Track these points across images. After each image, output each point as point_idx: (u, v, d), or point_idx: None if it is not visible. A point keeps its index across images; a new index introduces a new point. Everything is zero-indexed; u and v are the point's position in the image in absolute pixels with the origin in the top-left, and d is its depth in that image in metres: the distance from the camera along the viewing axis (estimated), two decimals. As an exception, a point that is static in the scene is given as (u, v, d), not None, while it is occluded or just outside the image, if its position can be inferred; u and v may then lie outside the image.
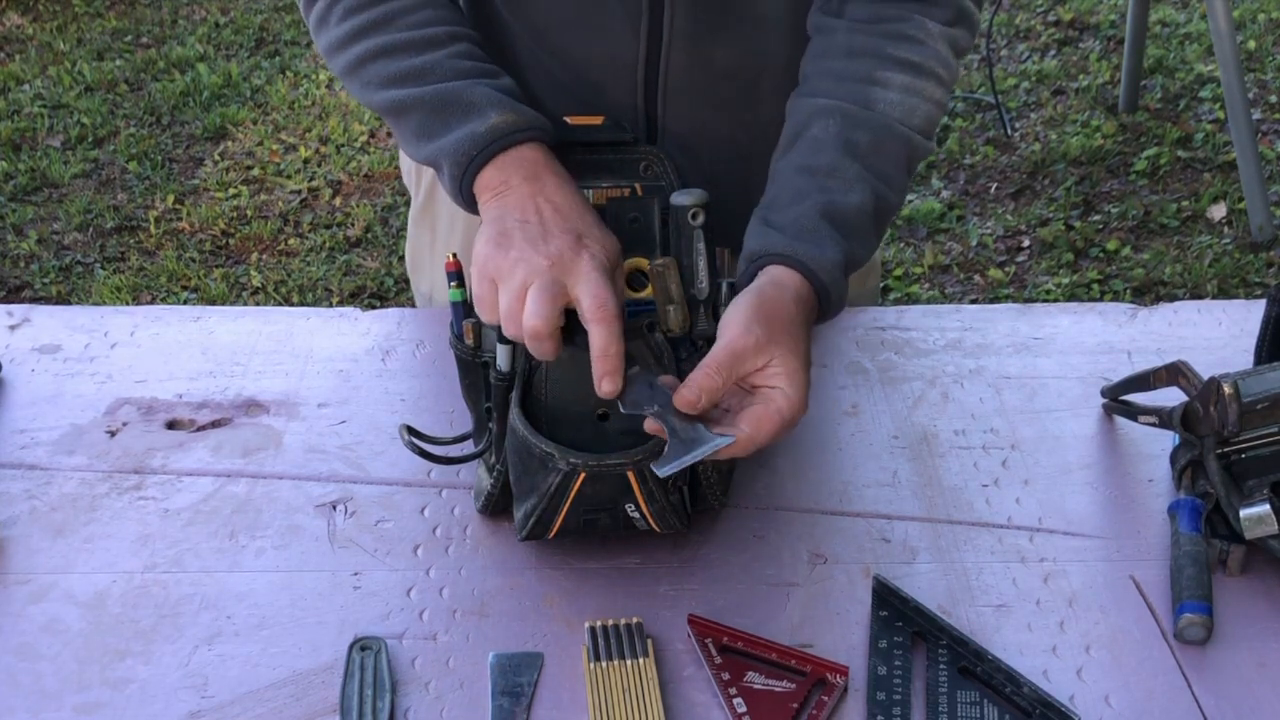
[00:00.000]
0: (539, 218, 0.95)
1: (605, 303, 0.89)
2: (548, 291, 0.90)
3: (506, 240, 0.93)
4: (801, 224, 0.98)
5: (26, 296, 3.04)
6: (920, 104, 1.04)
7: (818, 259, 0.96)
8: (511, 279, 0.91)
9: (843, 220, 0.99)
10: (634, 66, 1.12)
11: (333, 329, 1.24)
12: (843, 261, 0.97)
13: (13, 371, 1.18)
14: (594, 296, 0.90)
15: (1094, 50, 3.85)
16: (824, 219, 0.98)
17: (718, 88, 1.14)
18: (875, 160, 1.01)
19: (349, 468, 1.08)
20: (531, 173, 0.98)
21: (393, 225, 3.25)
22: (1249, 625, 0.94)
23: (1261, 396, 0.97)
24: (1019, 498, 1.05)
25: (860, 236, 1.00)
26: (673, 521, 0.95)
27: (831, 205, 0.98)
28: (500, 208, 0.97)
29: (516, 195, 0.97)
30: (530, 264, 0.91)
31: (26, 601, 0.96)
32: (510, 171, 0.98)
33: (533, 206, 0.96)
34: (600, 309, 0.89)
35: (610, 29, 1.10)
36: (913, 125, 1.03)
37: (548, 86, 1.15)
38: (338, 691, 0.88)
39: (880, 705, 0.87)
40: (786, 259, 0.96)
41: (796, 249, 0.96)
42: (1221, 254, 3.02)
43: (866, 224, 1.00)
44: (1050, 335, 1.23)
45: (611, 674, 0.89)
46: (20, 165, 3.50)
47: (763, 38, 1.12)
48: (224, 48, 4.11)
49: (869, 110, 1.02)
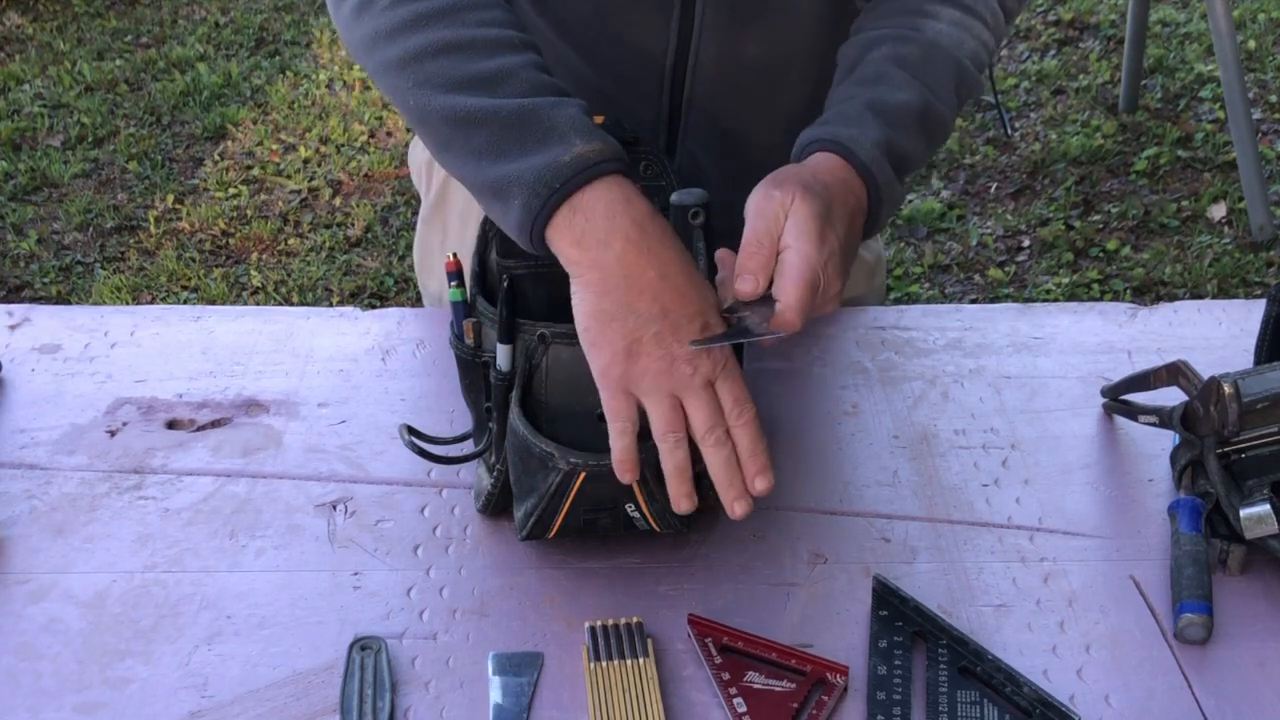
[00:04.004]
0: (658, 305, 0.87)
1: (745, 401, 0.88)
2: (708, 406, 0.88)
3: (638, 350, 0.87)
4: (844, 115, 0.96)
5: (26, 296, 3.04)
6: (968, 38, 1.03)
7: (855, 138, 0.94)
8: (657, 393, 0.88)
9: (886, 111, 0.97)
10: (663, 59, 1.11)
11: (333, 329, 1.24)
12: (883, 142, 0.94)
13: (13, 371, 1.18)
14: (734, 397, 0.88)
15: (1094, 50, 3.85)
16: (867, 109, 0.96)
17: (745, 80, 1.14)
18: (923, 72, 1.00)
19: (349, 468, 1.08)
20: (629, 221, 0.89)
21: (393, 225, 3.25)
22: (1249, 625, 0.94)
23: (1261, 396, 0.97)
24: (1019, 497, 1.05)
25: (904, 129, 0.97)
26: (673, 521, 0.94)
27: (876, 99, 0.97)
28: (602, 281, 0.88)
29: (618, 259, 0.88)
30: (675, 375, 0.87)
31: (26, 601, 0.96)
32: (598, 216, 0.89)
33: (645, 286, 0.87)
34: (743, 409, 0.88)
35: (641, 21, 1.09)
36: (962, 53, 1.02)
37: (571, 82, 1.14)
38: (338, 691, 0.88)
39: (880, 705, 0.87)
40: (824, 143, 0.94)
41: (835, 132, 0.94)
42: (1221, 254, 3.02)
43: (912, 121, 0.98)
44: (1050, 335, 1.23)
45: (611, 674, 0.89)
46: (20, 165, 3.50)
47: (792, 29, 1.12)
48: (224, 48, 4.11)
49: (917, 32, 1.01)
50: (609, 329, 0.88)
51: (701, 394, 0.88)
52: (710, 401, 0.88)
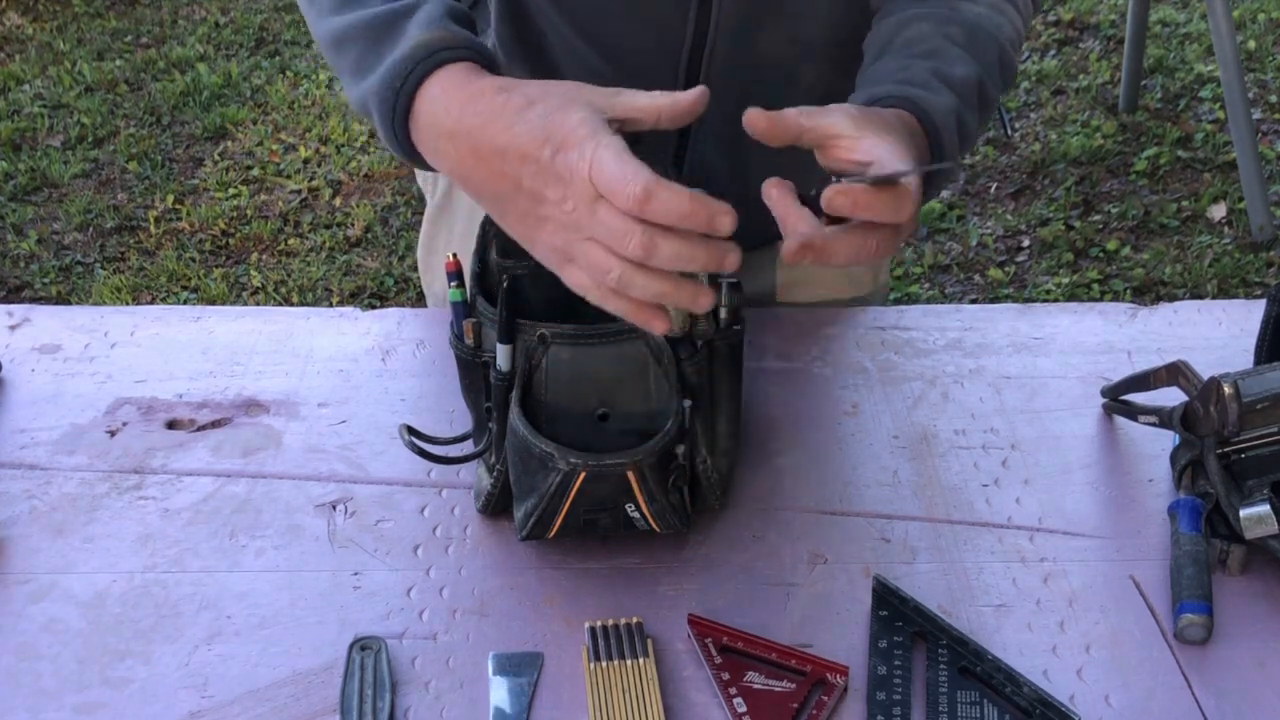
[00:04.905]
0: (509, 181, 0.80)
1: (627, 179, 0.76)
2: (606, 221, 0.76)
3: (534, 228, 0.81)
4: (911, 79, 0.92)
5: (26, 296, 3.04)
6: (1005, 22, 1.02)
7: (931, 101, 0.90)
8: (573, 249, 0.80)
9: (951, 81, 0.93)
10: (679, 55, 1.11)
11: (333, 329, 1.24)
12: (955, 110, 0.91)
13: (13, 371, 1.18)
14: (608, 182, 0.76)
15: (1094, 50, 3.85)
16: (934, 76, 0.93)
17: (759, 76, 1.13)
18: (973, 50, 0.97)
19: (349, 468, 1.08)
20: (458, 111, 0.81)
21: (393, 225, 3.25)
22: (1249, 625, 0.94)
23: (1261, 396, 0.97)
24: (1019, 498, 1.05)
25: (969, 102, 0.94)
26: (673, 521, 0.95)
27: (942, 71, 0.94)
28: (466, 183, 0.83)
29: (460, 159, 0.82)
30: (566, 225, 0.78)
31: (26, 601, 0.96)
32: (438, 115, 0.82)
33: (491, 172, 0.80)
34: (628, 188, 0.75)
35: (658, 17, 1.09)
36: (1002, 36, 1.01)
37: (587, 77, 1.14)
38: (338, 691, 0.88)
39: (880, 705, 0.87)
40: (897, 99, 0.89)
41: (908, 92, 0.90)
42: (1221, 254, 3.02)
43: (973, 96, 0.95)
44: (1050, 335, 1.23)
45: (611, 674, 0.89)
46: (20, 165, 3.50)
47: (807, 26, 1.11)
48: (224, 48, 4.11)
49: (957, 14, 1.00)
50: (506, 224, 0.83)
51: (597, 214, 0.77)
52: (610, 215, 0.77)
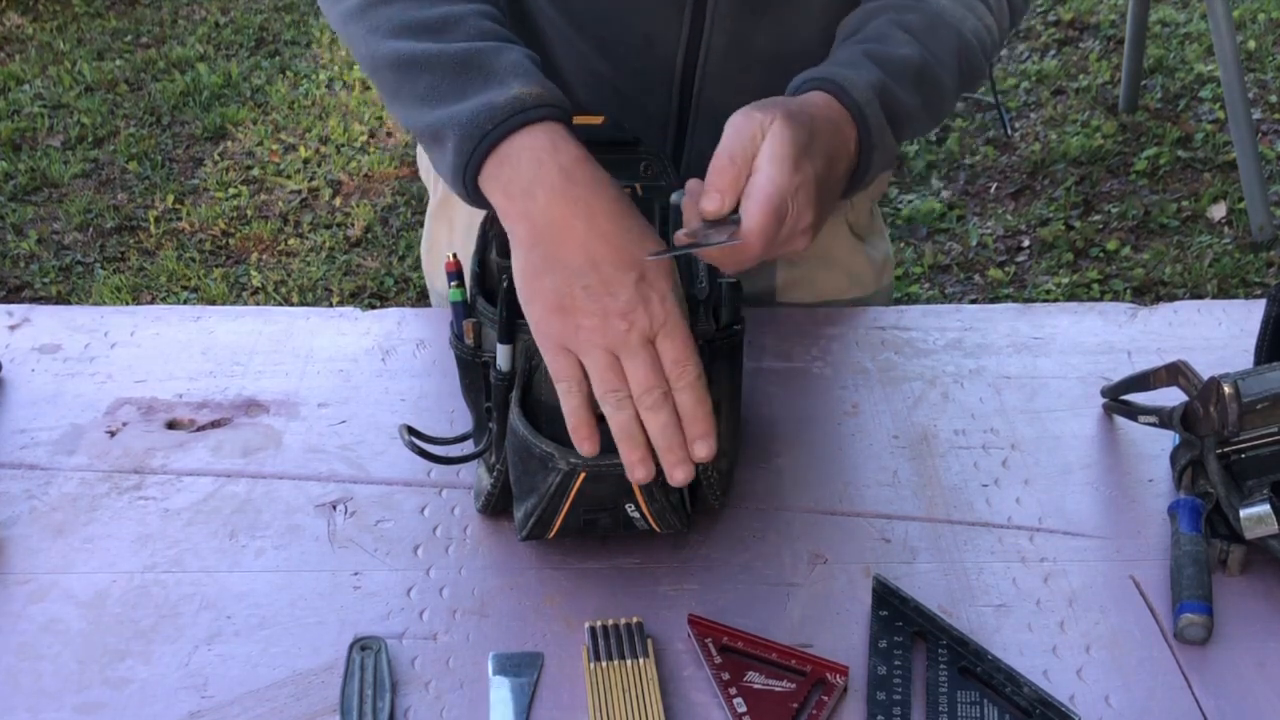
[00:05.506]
0: (587, 257, 0.84)
1: (687, 361, 0.84)
2: (646, 366, 0.84)
3: (570, 305, 0.84)
4: (840, 60, 0.96)
5: (26, 296, 3.04)
6: (970, 16, 1.03)
7: (850, 78, 0.92)
8: (594, 350, 0.85)
9: (883, 60, 0.96)
10: (674, 51, 1.11)
11: (333, 329, 1.24)
12: (878, 84, 0.93)
13: (13, 371, 1.18)
14: (675, 356, 0.84)
15: (1094, 50, 3.85)
16: (865, 56, 0.96)
17: (753, 73, 1.14)
18: (926, 38, 0.99)
19: (349, 468, 1.08)
20: (555, 168, 0.86)
21: (393, 225, 3.25)
22: (1249, 625, 0.94)
23: (1261, 396, 0.97)
24: (1019, 498, 1.05)
25: (901, 79, 0.96)
26: (673, 521, 0.95)
27: (875, 50, 0.97)
28: (530, 234, 0.86)
29: (543, 210, 0.85)
30: (609, 331, 0.84)
31: (26, 601, 0.96)
32: (524, 163, 0.86)
33: (571, 237, 0.84)
34: (684, 369, 0.84)
35: (654, 12, 1.09)
36: (965, 27, 1.02)
37: (581, 74, 1.14)
38: (338, 691, 0.88)
39: (880, 705, 0.87)
40: (817, 80, 0.93)
41: (830, 72, 0.93)
42: (1221, 254, 3.02)
43: (910, 74, 0.97)
44: (1050, 335, 1.23)
45: (611, 674, 0.89)
46: (20, 165, 3.50)
47: (801, 22, 1.12)
48: (224, 48, 4.11)
49: (920, 3, 1.01)
50: (539, 284, 0.85)
51: (640, 352, 0.84)
52: (649, 361, 0.84)
